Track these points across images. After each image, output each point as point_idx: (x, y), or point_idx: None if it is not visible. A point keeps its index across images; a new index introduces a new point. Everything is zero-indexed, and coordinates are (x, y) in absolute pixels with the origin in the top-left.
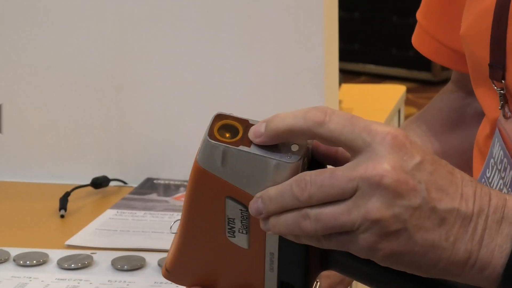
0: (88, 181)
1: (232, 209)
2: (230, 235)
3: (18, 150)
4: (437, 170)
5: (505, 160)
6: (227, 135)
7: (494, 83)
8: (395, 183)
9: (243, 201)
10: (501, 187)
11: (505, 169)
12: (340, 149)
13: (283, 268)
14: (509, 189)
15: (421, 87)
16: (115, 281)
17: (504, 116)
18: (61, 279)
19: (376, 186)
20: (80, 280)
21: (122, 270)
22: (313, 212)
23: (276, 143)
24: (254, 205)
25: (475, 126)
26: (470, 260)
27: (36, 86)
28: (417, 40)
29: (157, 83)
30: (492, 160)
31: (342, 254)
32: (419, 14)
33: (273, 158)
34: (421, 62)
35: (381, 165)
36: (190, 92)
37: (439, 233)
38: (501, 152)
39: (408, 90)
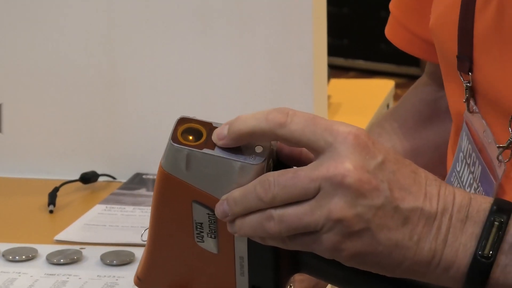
0: (77, 176)
1: (199, 214)
2: (199, 240)
3: (6, 145)
4: (400, 169)
5: (473, 154)
6: (191, 138)
7: (461, 76)
8: (357, 183)
9: (209, 205)
10: (471, 181)
11: (474, 164)
12: (304, 149)
13: (253, 272)
14: (479, 183)
15: (409, 82)
16: (104, 276)
17: (469, 109)
18: (50, 274)
19: (338, 185)
20: (69, 275)
21: (111, 265)
22: (277, 213)
23: (240, 145)
24: (220, 208)
25: (449, 119)
26: (435, 259)
27: (24, 82)
28: (390, 31)
29: (147, 79)
30: (461, 154)
31: (311, 256)
32: (392, 5)
33: (237, 160)
34: (410, 57)
35: (343, 164)
36: (180, 88)
37: (402, 233)
38: (469, 146)
39: (397, 85)
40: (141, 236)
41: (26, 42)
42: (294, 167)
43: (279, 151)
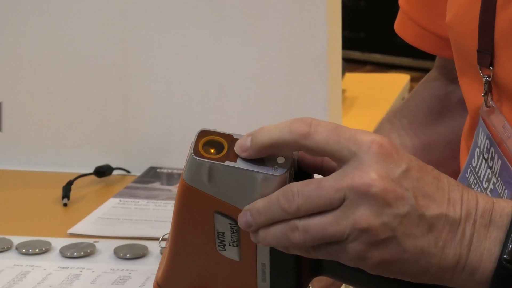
0: (91, 170)
1: (222, 224)
2: (220, 248)
3: (21, 138)
4: (423, 176)
5: (492, 149)
6: (212, 151)
7: (481, 70)
8: (382, 192)
9: (232, 215)
10: (490, 176)
11: (492, 159)
12: (326, 158)
13: (275, 278)
14: (498, 178)
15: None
16: (118, 269)
17: (486, 104)
18: (64, 268)
19: (364, 195)
20: (83, 268)
21: (124, 258)
22: (301, 223)
23: (262, 156)
24: (243, 218)
25: (460, 114)
26: (460, 264)
27: (40, 74)
28: (399, 26)
29: (161, 72)
30: (477, 150)
31: (333, 261)
32: (401, 0)
33: (260, 172)
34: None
35: (368, 174)
36: (194, 81)
37: (428, 240)
38: (487, 142)
39: (413, 79)
40: (159, 243)
41: (40, 34)
42: (314, 175)
43: (301, 160)
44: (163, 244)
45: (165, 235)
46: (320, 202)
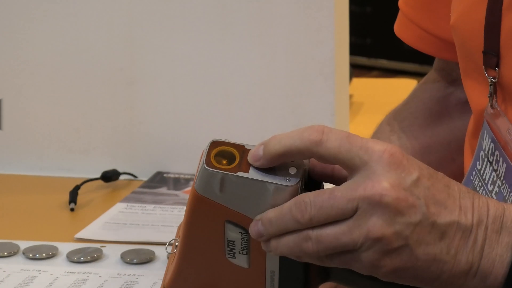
0: (98, 175)
1: (232, 232)
2: (230, 256)
3: (28, 143)
4: (434, 184)
5: (496, 152)
6: (224, 162)
7: (486, 71)
8: (395, 201)
9: (243, 224)
10: (494, 179)
11: (497, 162)
12: (336, 167)
13: (284, 285)
14: (503, 181)
15: None
16: (124, 274)
17: (491, 106)
18: (71, 272)
19: (377, 204)
20: (90, 273)
21: (131, 263)
22: (314, 233)
23: (274, 167)
24: (254, 228)
25: (458, 116)
26: (472, 270)
27: (47, 78)
28: (399, 28)
29: (168, 76)
30: (482, 152)
31: (343, 269)
32: (401, 2)
33: (272, 182)
34: (433, 57)
35: (380, 183)
36: (201, 86)
37: (440, 247)
38: (492, 145)
39: None
40: (166, 249)
41: (47, 39)
42: (325, 184)
43: (311, 169)
44: (170, 249)
45: (171, 240)
46: (332, 213)
